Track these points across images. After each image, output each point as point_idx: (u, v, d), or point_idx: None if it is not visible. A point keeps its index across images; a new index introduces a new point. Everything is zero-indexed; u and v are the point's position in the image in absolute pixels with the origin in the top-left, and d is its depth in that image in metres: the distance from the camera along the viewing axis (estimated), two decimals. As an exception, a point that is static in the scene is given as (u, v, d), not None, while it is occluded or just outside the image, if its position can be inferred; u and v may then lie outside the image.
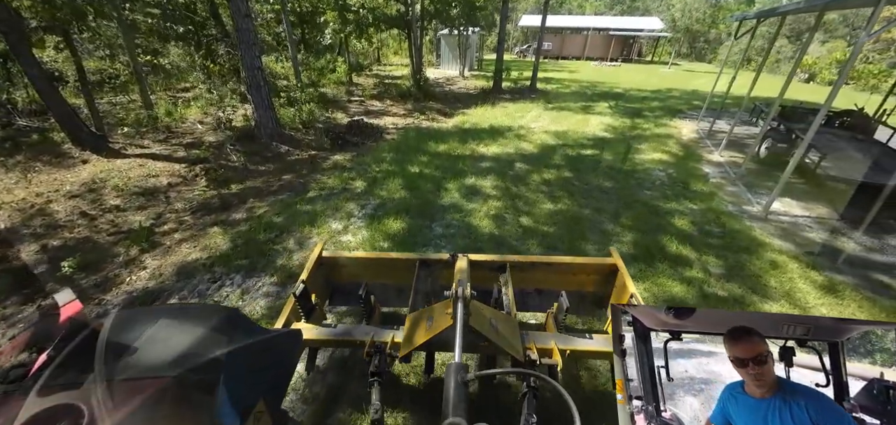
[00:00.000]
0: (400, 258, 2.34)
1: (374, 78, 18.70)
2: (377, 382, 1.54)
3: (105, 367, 0.82)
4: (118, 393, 0.78)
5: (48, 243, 4.00)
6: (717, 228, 4.40)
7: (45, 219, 4.42)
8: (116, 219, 4.50)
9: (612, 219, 4.57)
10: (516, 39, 44.70)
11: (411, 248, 3.80)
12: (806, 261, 3.79)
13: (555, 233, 4.18)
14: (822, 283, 3.46)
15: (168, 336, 0.96)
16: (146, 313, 1.10)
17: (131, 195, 5.07)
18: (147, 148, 6.96)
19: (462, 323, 1.26)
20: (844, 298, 3.27)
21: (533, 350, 1.64)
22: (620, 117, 10.80)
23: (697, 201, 5.14)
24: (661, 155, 7.26)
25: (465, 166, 6.26)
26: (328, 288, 2.45)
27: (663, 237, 4.11)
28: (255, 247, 3.78)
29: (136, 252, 3.72)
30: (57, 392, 0.77)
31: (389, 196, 5.03)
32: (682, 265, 3.62)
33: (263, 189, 5.38)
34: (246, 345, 1.05)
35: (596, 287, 2.36)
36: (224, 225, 4.28)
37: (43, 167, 5.97)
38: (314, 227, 4.17)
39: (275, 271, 3.40)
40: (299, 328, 1.78)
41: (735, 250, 3.93)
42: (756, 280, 3.45)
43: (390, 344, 1.71)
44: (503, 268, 2.21)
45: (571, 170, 6.25)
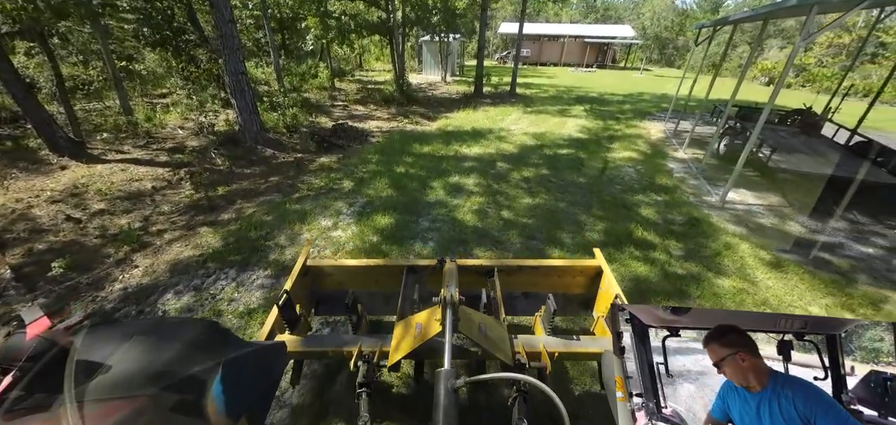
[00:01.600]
0: (387, 265, 2.32)
1: (357, 83, 18.80)
2: (365, 392, 1.51)
3: (76, 388, 0.79)
4: (90, 415, 0.74)
5: (33, 246, 3.98)
6: (679, 217, 4.83)
7: (28, 224, 4.38)
8: (103, 222, 4.51)
9: (586, 210, 4.93)
10: (496, 46, 45.67)
11: (400, 240, 4.01)
12: (752, 242, 4.24)
13: (533, 225, 4.49)
14: (768, 261, 3.90)
15: (142, 352, 0.92)
16: (119, 329, 1.05)
17: (116, 199, 5.07)
18: (127, 153, 6.89)
19: (451, 330, 1.26)
20: (788, 273, 3.71)
21: (522, 353, 1.64)
22: (595, 119, 11.36)
23: (662, 193, 5.58)
24: (631, 153, 7.76)
25: (448, 166, 6.53)
26: (313, 297, 2.41)
27: (631, 225, 4.49)
28: (246, 244, 3.91)
29: (126, 251, 3.77)
30: (23, 415, 0.73)
31: (377, 194, 5.23)
32: (647, 248, 3.98)
33: (251, 191, 5.47)
34: (226, 360, 1.01)
35: (582, 289, 2.40)
36: (214, 225, 4.37)
37: (19, 174, 5.84)
38: (304, 224, 4.32)
39: (268, 265, 3.54)
40: (283, 340, 1.74)
41: (694, 235, 4.35)
42: (711, 259, 3.85)
43: (378, 353, 1.68)
44: (491, 272, 2.23)
45: (549, 168, 6.62)
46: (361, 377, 1.55)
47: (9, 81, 5.89)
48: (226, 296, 3.11)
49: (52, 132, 6.45)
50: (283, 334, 1.90)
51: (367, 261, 2.34)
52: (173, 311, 2.96)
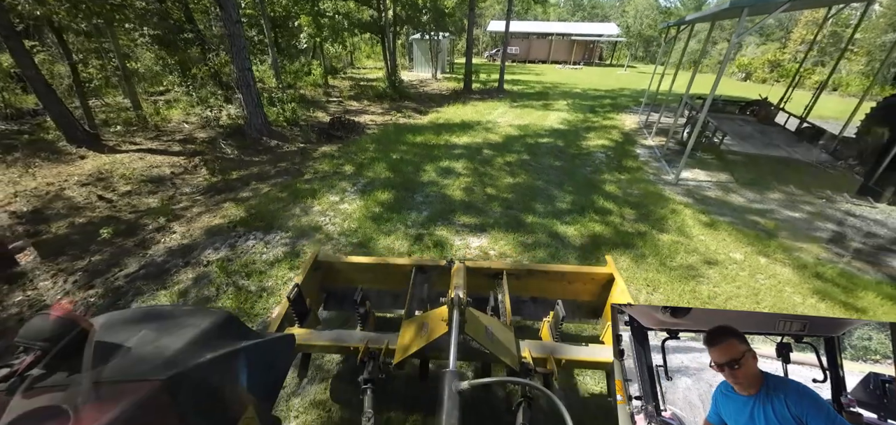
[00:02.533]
0: (396, 263, 2.33)
1: (350, 80, 19.34)
2: (370, 389, 1.52)
3: (93, 369, 0.81)
4: (106, 396, 0.77)
5: (74, 220, 4.56)
6: (636, 191, 5.61)
7: (65, 203, 4.94)
8: (132, 201, 5.09)
9: (558, 187, 5.68)
10: (486, 44, 46.43)
11: (399, 210, 4.70)
12: (695, 209, 5.04)
13: (512, 198, 5.22)
14: (705, 222, 4.70)
15: (159, 338, 0.95)
16: (136, 314, 1.09)
17: (140, 182, 5.63)
18: (140, 145, 7.41)
19: (457, 331, 1.27)
20: (719, 230, 4.51)
21: (528, 358, 1.63)
22: (575, 113, 12.18)
23: (626, 173, 6.38)
24: (604, 141, 8.57)
25: (439, 153, 7.23)
26: (323, 291, 2.44)
27: (595, 196, 5.26)
28: (267, 214, 4.55)
29: (162, 221, 4.38)
30: (43, 393, 0.76)
31: (376, 176, 5.90)
32: (606, 214, 4.75)
33: (262, 174, 6.08)
34: (237, 350, 1.03)
35: (592, 296, 2.37)
36: (235, 201, 5.00)
37: (42, 163, 6.34)
38: (315, 200, 4.98)
39: (288, 229, 4.20)
40: (292, 333, 1.78)
41: (647, 204, 5.13)
42: (657, 221, 4.63)
43: (385, 350, 1.69)
44: (500, 275, 2.21)
45: (529, 154, 7.37)
46: (367, 373, 1.56)
47: (33, 79, 6.39)
48: (257, 251, 3.77)
49: (71, 125, 6.96)
50: (292, 327, 1.93)
51: (377, 258, 2.38)
52: (215, 261, 3.60)
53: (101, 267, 3.56)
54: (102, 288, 3.24)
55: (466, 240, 4.09)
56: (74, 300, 3.07)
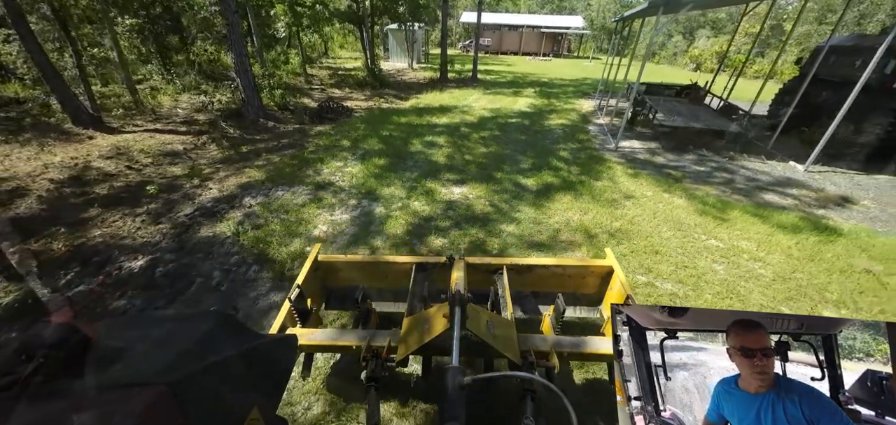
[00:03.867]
0: (396, 261, 2.34)
1: (327, 69, 19.83)
2: (374, 387, 1.53)
3: (96, 375, 0.82)
4: (110, 401, 0.77)
5: (112, 184, 5.32)
6: (583, 155, 7.00)
7: (96, 171, 5.65)
8: (158, 170, 5.86)
9: (522, 154, 6.96)
10: (459, 35, 47.38)
11: (393, 170, 5.79)
12: (626, 166, 6.48)
13: (485, 162, 6.44)
14: (630, 174, 6.12)
15: (161, 342, 0.96)
16: (138, 318, 1.10)
17: (158, 156, 6.37)
18: (142, 126, 8.00)
19: (459, 327, 1.27)
20: (639, 179, 5.92)
21: (530, 352, 1.64)
22: (541, 98, 13.59)
23: (577, 143, 7.78)
24: (563, 120, 9.98)
25: (423, 130, 8.33)
26: (324, 291, 2.45)
27: (551, 159, 6.58)
28: (285, 174, 5.52)
29: (196, 182, 5.24)
30: (46, 400, 0.76)
31: (371, 148, 6.94)
32: (557, 170, 6.07)
33: (269, 148, 6.96)
34: (240, 351, 1.04)
35: (592, 289, 2.38)
36: (252, 167, 5.90)
37: (55, 143, 6.88)
38: (323, 164, 5.97)
39: (307, 184, 5.20)
40: (294, 333, 1.78)
41: (589, 164, 6.51)
42: (595, 174, 6.01)
43: (387, 348, 1.70)
44: (500, 270, 2.22)
45: (500, 131, 8.62)
46: (370, 371, 1.57)
47: (43, 65, 6.89)
48: (287, 198, 4.76)
49: (77, 108, 7.48)
50: (294, 327, 1.95)
51: (377, 257, 2.44)
52: (256, 204, 4.56)
53: (159, 211, 4.44)
54: (169, 224, 4.16)
55: (450, 189, 5.26)
56: (75, 307, 2.96)
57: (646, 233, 4.22)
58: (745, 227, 4.49)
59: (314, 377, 2.34)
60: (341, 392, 2.29)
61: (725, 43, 37.98)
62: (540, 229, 4.23)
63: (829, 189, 6.12)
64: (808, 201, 5.56)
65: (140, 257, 3.54)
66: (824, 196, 5.83)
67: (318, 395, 2.28)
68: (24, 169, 5.60)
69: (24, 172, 5.48)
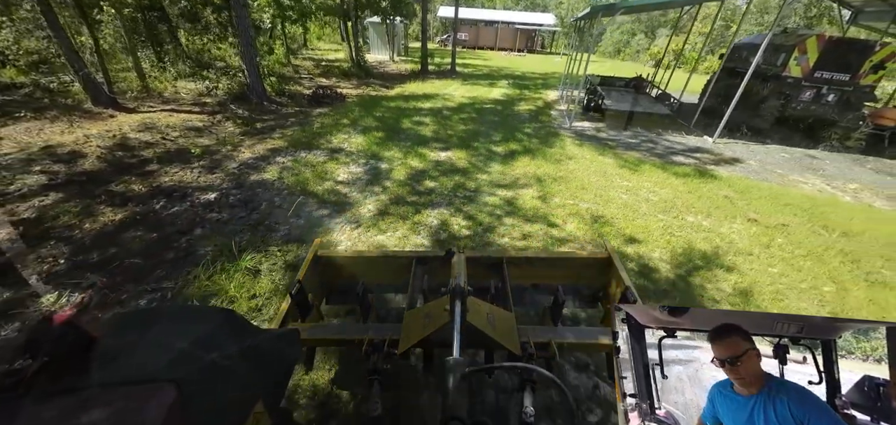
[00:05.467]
0: (396, 256, 2.39)
1: (310, 60, 20.64)
2: (376, 380, 1.55)
3: (99, 373, 0.83)
4: (115, 399, 0.78)
5: (155, 151, 6.38)
6: (543, 132, 8.64)
7: (136, 140, 6.66)
8: (189, 141, 6.93)
9: (494, 131, 8.50)
10: (436, 29, 48.52)
11: (390, 139, 7.15)
12: (574, 139, 8.16)
13: (465, 135, 7.92)
14: (577, 144, 7.79)
15: (164, 339, 0.97)
16: (141, 316, 1.12)
17: (184, 130, 7.41)
18: (155, 107, 8.90)
19: (460, 320, 1.31)
20: (583, 147, 7.59)
21: (530, 344, 1.65)
22: (513, 89, 15.24)
23: (539, 123, 9.42)
24: (530, 106, 11.64)
25: (410, 113, 9.71)
26: (325, 287, 2.49)
27: (517, 134, 8.17)
28: (303, 143, 6.77)
29: (230, 148, 6.40)
30: (51, 400, 0.76)
31: (369, 125, 8.26)
32: (521, 142, 7.65)
33: (280, 125, 8.12)
34: (243, 346, 1.07)
35: (591, 280, 2.43)
36: (272, 138, 7.08)
37: (80, 119, 7.75)
38: (331, 136, 7.26)
39: (322, 149, 6.51)
40: (296, 328, 1.82)
41: (547, 137, 8.14)
42: (549, 144, 7.63)
43: (388, 341, 1.71)
44: (500, 263, 2.27)
45: (476, 114, 10.14)
46: (372, 365, 1.60)
47: (67, 50, 7.72)
48: (309, 158, 6.05)
49: (97, 89, 8.33)
50: (296, 322, 1.99)
51: (377, 252, 2.45)
52: (289, 163, 5.82)
53: (210, 166, 5.62)
54: (223, 173, 5.36)
55: (437, 153, 6.70)
56: (77, 304, 2.96)
57: (578, 179, 5.84)
58: (651, 175, 6.23)
59: (316, 371, 2.40)
60: (343, 385, 2.33)
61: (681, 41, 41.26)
62: (505, 177, 5.77)
63: (726, 153, 8.05)
64: (706, 161, 7.43)
65: (211, 192, 4.77)
66: (721, 158, 7.74)
67: (320, 389, 2.31)
68: (67, 139, 6.54)
69: (70, 141, 6.44)
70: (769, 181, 6.56)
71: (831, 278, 3.78)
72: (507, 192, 5.19)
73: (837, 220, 5.10)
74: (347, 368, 2.43)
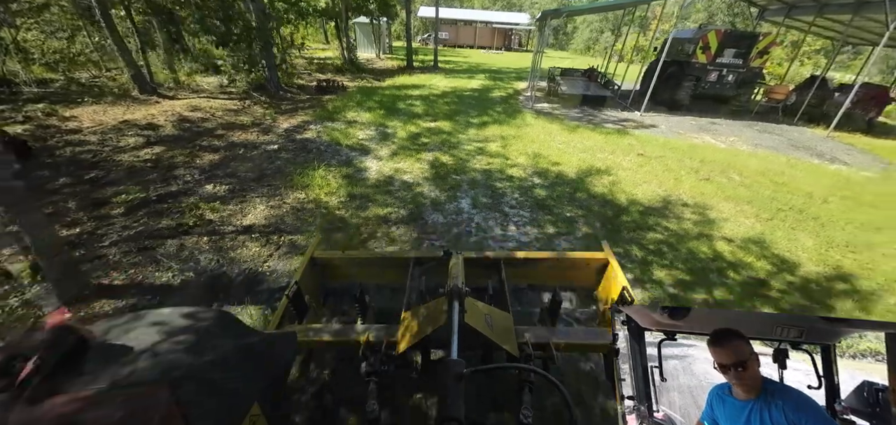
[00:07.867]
0: (394, 257, 2.40)
1: (303, 59, 22.36)
2: (373, 381, 1.55)
3: (93, 375, 0.83)
4: (109, 402, 0.77)
5: (212, 123, 8.29)
6: (510, 110, 10.97)
7: (192, 118, 8.54)
8: (234, 117, 8.84)
9: (472, 109, 10.77)
10: (418, 28, 50.48)
11: (391, 114, 9.29)
12: (534, 114, 10.52)
13: (448, 113, 10.13)
14: (534, 117, 10.13)
15: (159, 341, 0.97)
16: (135, 318, 1.10)
17: (224, 111, 9.31)
18: (189, 97, 10.70)
19: (457, 321, 1.31)
20: (539, 119, 9.94)
21: (527, 344, 1.66)
22: (489, 81, 17.59)
23: (508, 104, 11.79)
24: (502, 93, 14.00)
25: (403, 98, 11.87)
26: (322, 289, 2.50)
27: (490, 111, 10.48)
28: (325, 117, 8.83)
29: (270, 121, 8.39)
30: (46, 400, 0.76)
31: (372, 106, 10.37)
32: (492, 116, 9.95)
33: (299, 107, 10.12)
34: (239, 348, 1.06)
35: (588, 281, 2.44)
36: (299, 114, 9.09)
37: (132, 104, 9.52)
38: (345, 113, 9.33)
39: (341, 121, 8.57)
40: (293, 330, 1.83)
41: (512, 114, 10.47)
42: (513, 117, 9.96)
43: (385, 343, 1.72)
44: (497, 264, 2.28)
45: (457, 98, 12.39)
46: (370, 366, 1.59)
47: (119, 45, 9.48)
48: (334, 126, 8.12)
49: (142, 78, 10.11)
50: (293, 324, 2.00)
51: (374, 253, 2.51)
52: (320, 128, 7.87)
53: (263, 130, 7.62)
54: (275, 135, 7.38)
55: (428, 123, 8.88)
56: (73, 310, 2.93)
57: (531, 137, 8.17)
58: (583, 134, 8.62)
59: (314, 372, 2.39)
60: (341, 387, 2.33)
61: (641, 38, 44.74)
62: (478, 136, 8.05)
63: (647, 122, 10.59)
64: (629, 126, 9.92)
65: (273, 145, 6.79)
66: (640, 124, 10.25)
67: (318, 391, 2.31)
68: (137, 115, 8.37)
69: (139, 117, 8.28)
70: (669, 137, 9.08)
71: (675, 179, 6.20)
72: (479, 144, 7.45)
73: (702, 156, 7.60)
74: (345, 370, 2.43)
